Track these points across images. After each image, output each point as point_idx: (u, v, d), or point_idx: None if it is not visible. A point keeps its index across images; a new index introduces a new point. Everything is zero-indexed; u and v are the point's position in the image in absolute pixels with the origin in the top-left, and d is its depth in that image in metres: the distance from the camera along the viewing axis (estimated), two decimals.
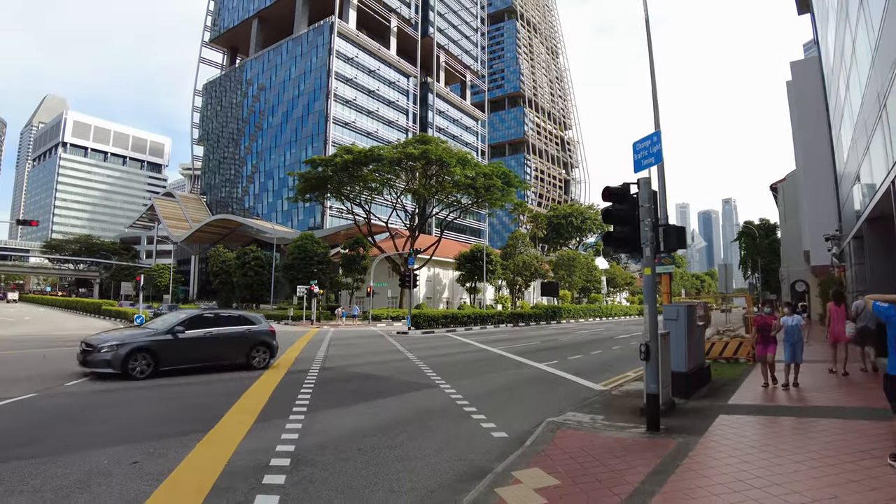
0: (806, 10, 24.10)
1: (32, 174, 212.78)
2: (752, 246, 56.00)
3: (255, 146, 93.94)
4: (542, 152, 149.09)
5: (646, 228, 7.02)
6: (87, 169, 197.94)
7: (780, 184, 40.36)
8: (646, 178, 7.14)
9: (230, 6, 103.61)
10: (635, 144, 7.51)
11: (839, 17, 14.38)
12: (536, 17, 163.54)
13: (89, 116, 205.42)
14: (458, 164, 46.45)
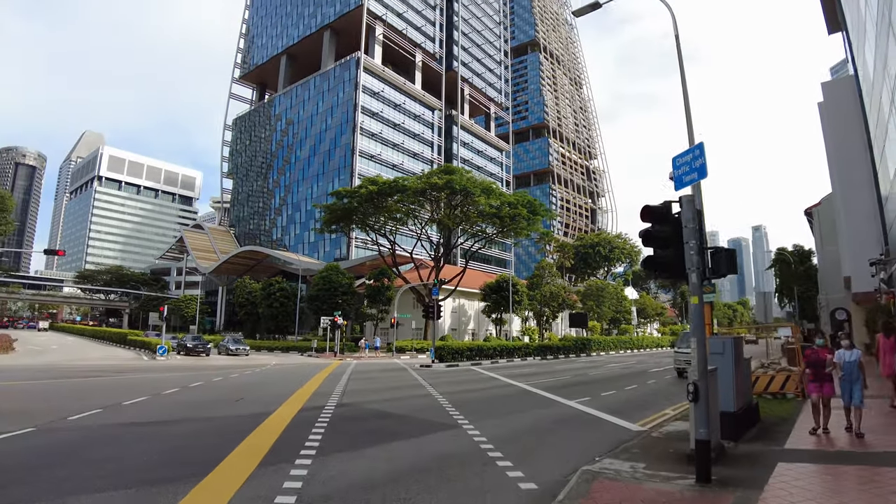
0: (837, 29, 23.21)
1: (69, 207, 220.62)
2: (787, 273, 53.76)
3: (282, 179, 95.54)
4: (567, 182, 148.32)
5: (691, 252, 6.23)
6: (120, 202, 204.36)
7: (815, 208, 38.74)
8: (689, 196, 6.39)
9: (259, 44, 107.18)
10: (675, 159, 6.80)
11: (879, 28, 13.57)
12: (559, 49, 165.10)
13: (124, 151, 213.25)
14: (483, 193, 46.09)
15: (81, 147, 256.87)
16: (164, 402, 13.77)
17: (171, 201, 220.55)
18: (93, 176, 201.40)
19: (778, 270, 57.01)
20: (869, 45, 15.44)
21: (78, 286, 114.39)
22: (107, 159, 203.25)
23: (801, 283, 51.02)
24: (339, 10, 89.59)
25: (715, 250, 6.36)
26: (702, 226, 6.33)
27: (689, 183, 6.62)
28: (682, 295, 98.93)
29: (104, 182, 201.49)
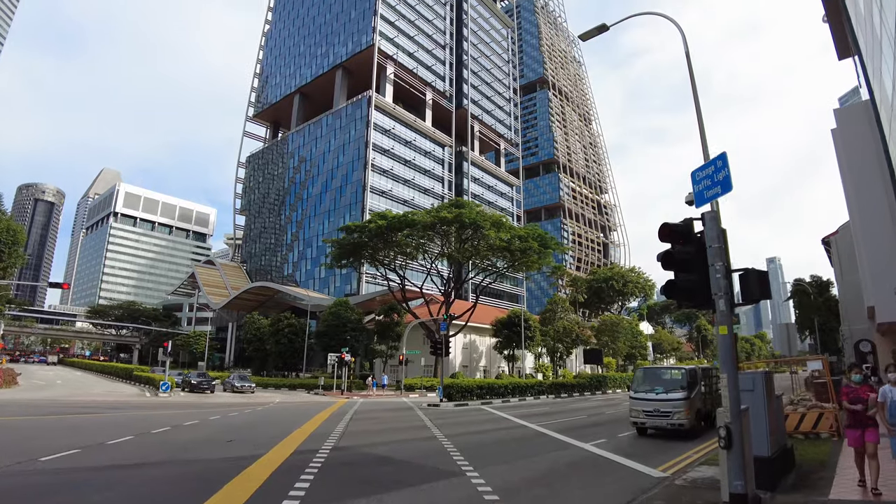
0: (848, 54, 22.65)
1: (85, 242, 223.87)
2: (806, 305, 52.03)
3: (294, 215, 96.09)
4: (578, 216, 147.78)
5: (717, 275, 5.47)
6: (134, 238, 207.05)
7: (832, 237, 37.52)
8: (712, 213, 5.67)
9: (273, 83, 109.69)
10: (695, 173, 6.11)
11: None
12: (568, 86, 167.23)
13: (139, 188, 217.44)
14: (493, 227, 45.52)
15: (99, 184, 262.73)
16: (149, 441, 12.95)
17: (186, 238, 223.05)
18: (109, 212, 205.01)
19: (797, 302, 55.30)
20: (886, 66, 14.78)
21: (90, 321, 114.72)
22: (123, 196, 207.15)
23: (822, 314, 49.32)
24: (351, 50, 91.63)
25: (744, 273, 5.58)
26: (726, 245, 5.58)
27: (712, 198, 5.89)
28: (699, 329, 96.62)
29: (120, 218, 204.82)
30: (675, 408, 15.43)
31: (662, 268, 5.97)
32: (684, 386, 15.96)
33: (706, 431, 16.15)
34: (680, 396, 15.67)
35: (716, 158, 5.86)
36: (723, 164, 5.76)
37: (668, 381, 16.72)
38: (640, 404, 16.24)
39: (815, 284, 53.26)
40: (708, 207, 5.92)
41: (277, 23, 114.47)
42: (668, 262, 5.93)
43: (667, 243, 5.93)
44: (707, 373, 18.29)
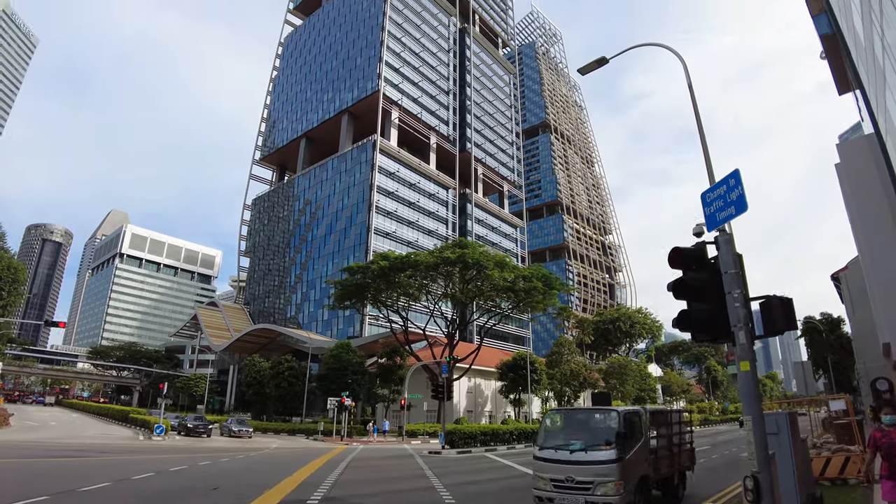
0: (847, 88, 22.51)
1: (90, 283, 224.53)
2: (818, 343, 50.77)
3: (298, 257, 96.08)
4: (583, 257, 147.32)
5: (735, 304, 4.93)
6: (140, 279, 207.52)
7: (841, 273, 36.69)
8: (727, 236, 5.18)
9: (280, 127, 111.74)
10: (705, 195, 5.66)
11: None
12: (570, 129, 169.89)
13: (146, 230, 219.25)
14: (496, 266, 45.06)
15: (107, 225, 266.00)
16: (126, 489, 12.13)
17: (191, 279, 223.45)
18: (115, 253, 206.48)
19: (808, 340, 54.03)
20: (891, 95, 14.44)
21: (91, 362, 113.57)
22: (129, 237, 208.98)
23: (834, 352, 48.05)
24: (357, 96, 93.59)
25: (766, 300, 5.04)
26: (744, 271, 5.06)
27: (725, 220, 5.41)
28: (708, 370, 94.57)
29: (125, 259, 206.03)
30: (599, 475, 9.29)
31: (674, 296, 5.43)
32: (614, 439, 9.62)
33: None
34: (606, 457, 9.44)
35: (728, 176, 5.42)
36: (736, 183, 5.31)
37: (591, 430, 10.49)
38: (547, 469, 9.90)
39: (826, 322, 52.15)
40: (724, 230, 5.45)
41: (285, 70, 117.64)
42: (680, 291, 5.39)
43: (678, 269, 5.42)
44: (662, 417, 12.60)
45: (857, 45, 13.97)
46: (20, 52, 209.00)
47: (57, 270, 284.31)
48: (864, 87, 17.95)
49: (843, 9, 14.14)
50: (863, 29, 11.60)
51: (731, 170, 5.37)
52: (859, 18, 11.58)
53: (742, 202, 5.26)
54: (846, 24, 14.80)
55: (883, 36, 9.15)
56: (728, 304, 5.05)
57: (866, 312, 31.43)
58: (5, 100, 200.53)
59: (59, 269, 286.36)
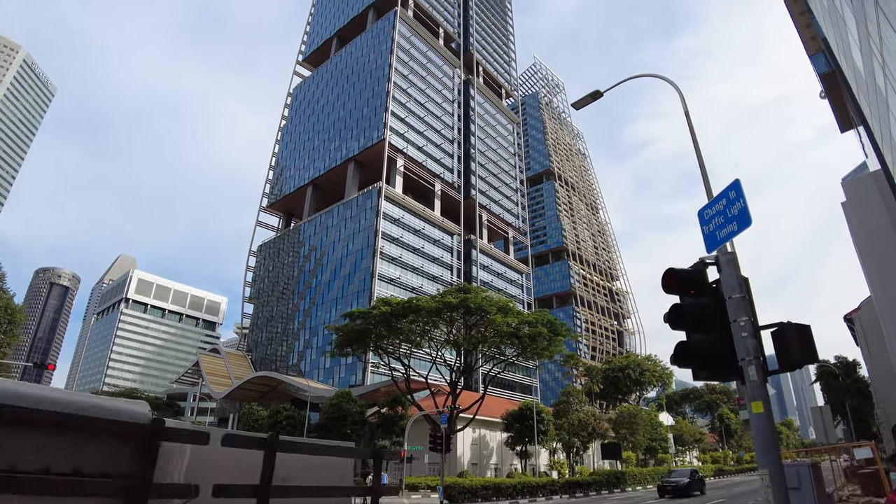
0: (849, 126, 22.20)
1: (95, 327, 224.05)
2: (834, 387, 48.68)
3: (302, 303, 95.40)
4: (590, 304, 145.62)
5: (743, 333, 4.23)
6: (144, 325, 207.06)
7: (854, 314, 35.34)
8: (729, 255, 4.54)
9: (287, 175, 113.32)
10: (702, 212, 5.07)
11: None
12: (574, 177, 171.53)
13: (152, 275, 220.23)
14: (499, 312, 44.07)
15: (115, 270, 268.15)
16: None
17: (195, 326, 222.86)
18: (120, 298, 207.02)
19: (824, 385, 51.95)
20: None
21: None
22: (135, 282, 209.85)
23: (852, 397, 45.98)
24: (363, 145, 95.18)
25: (779, 328, 4.31)
26: (751, 296, 4.38)
27: (728, 238, 4.77)
28: (721, 418, 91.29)
29: (131, 304, 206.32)
30: None
31: (671, 326, 4.70)
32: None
33: None
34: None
35: (727, 188, 4.82)
36: (737, 195, 4.69)
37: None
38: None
39: (842, 365, 50.28)
40: (726, 249, 4.80)
41: (293, 119, 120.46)
42: (677, 319, 4.66)
43: (674, 295, 4.74)
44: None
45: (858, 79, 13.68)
46: (38, 101, 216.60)
47: (63, 314, 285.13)
48: (867, 123, 17.63)
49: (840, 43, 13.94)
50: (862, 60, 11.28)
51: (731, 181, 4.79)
52: (857, 50, 11.28)
53: (745, 216, 4.63)
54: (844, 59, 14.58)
55: (884, 63, 8.79)
56: (734, 334, 4.33)
57: (883, 354, 30.11)
58: (21, 145, 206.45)
59: (65, 313, 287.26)
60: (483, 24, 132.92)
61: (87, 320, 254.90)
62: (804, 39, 18.57)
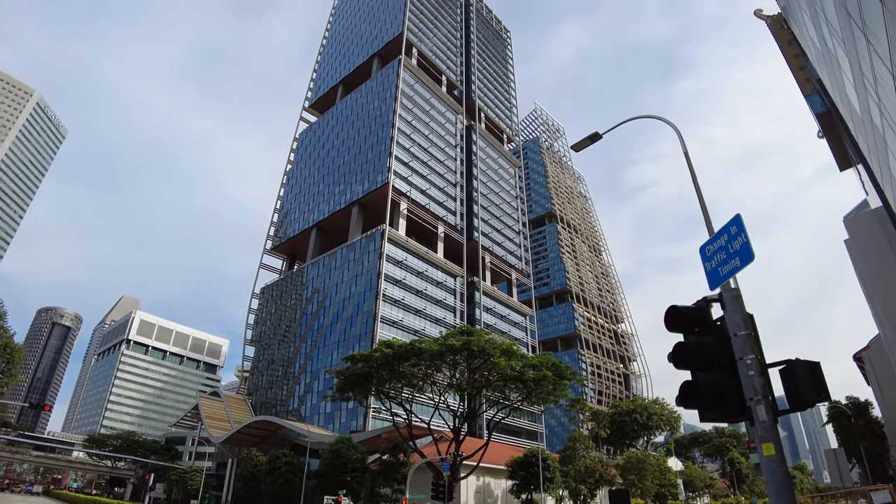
0: (848, 164, 22.34)
1: (95, 368, 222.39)
2: (847, 428, 47.27)
3: (304, 347, 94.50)
4: (596, 347, 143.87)
5: (750, 372, 4.11)
6: (144, 366, 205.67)
7: (864, 353, 34.63)
8: (733, 291, 4.46)
9: (292, 218, 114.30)
10: (704, 248, 5.02)
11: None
12: (576, 219, 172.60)
13: (155, 316, 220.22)
14: (503, 355, 43.51)
15: (117, 311, 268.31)
16: None
17: (196, 368, 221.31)
18: (122, 339, 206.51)
19: (836, 427, 50.50)
20: (894, 160, 14.12)
21: (86, 451, 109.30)
22: (137, 323, 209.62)
23: (865, 438, 44.57)
24: (367, 188, 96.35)
25: (787, 366, 4.18)
26: (756, 332, 4.28)
27: (731, 275, 4.70)
28: (731, 463, 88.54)
29: (132, 346, 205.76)
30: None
31: (675, 366, 4.58)
32: None
33: None
34: None
35: (728, 224, 4.79)
36: (738, 230, 4.65)
37: None
38: None
39: (854, 406, 49.01)
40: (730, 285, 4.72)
41: (299, 163, 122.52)
42: (681, 358, 4.53)
43: (677, 333, 4.63)
44: None
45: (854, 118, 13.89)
46: (49, 143, 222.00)
47: (63, 354, 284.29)
48: (865, 160, 17.81)
49: (835, 83, 14.23)
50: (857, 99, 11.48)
51: None
52: (853, 89, 11.49)
53: (747, 251, 4.58)
54: (840, 99, 14.85)
55: (879, 101, 8.94)
56: (741, 372, 4.20)
57: (894, 393, 29.43)
58: (30, 185, 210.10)
59: (65, 353, 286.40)
60: (484, 73, 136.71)
61: (87, 361, 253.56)
62: (800, 81, 18.97)
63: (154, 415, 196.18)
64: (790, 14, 20.36)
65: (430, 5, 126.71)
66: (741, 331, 4.33)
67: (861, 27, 8.27)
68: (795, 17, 18.83)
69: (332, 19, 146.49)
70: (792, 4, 18.59)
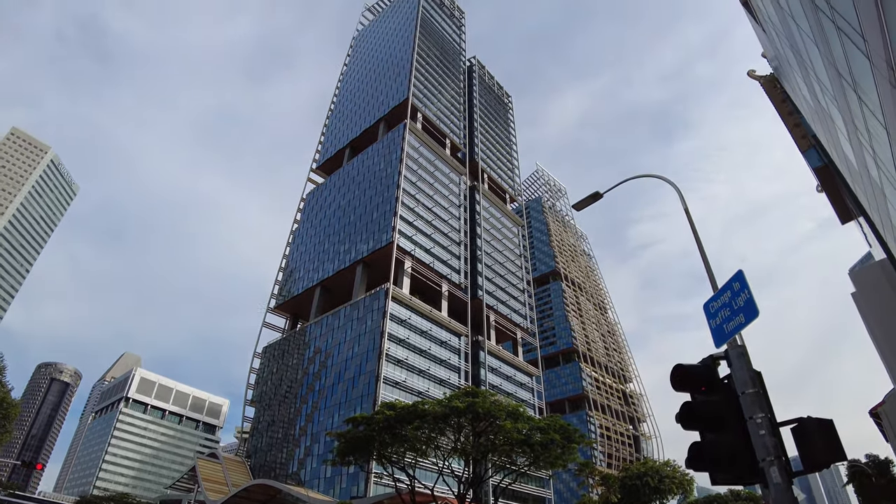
0: (849, 217, 22.42)
1: (92, 426, 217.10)
2: (868, 488, 44.86)
3: (304, 408, 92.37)
4: (604, 408, 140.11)
5: (760, 431, 3.97)
6: (142, 425, 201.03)
7: (879, 408, 33.38)
8: (739, 349, 4.39)
9: (296, 276, 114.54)
10: (708, 305, 4.99)
11: None
12: (580, 277, 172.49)
13: (155, 374, 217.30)
14: (509, 417, 42.47)
15: (118, 367, 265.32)
16: None
17: (195, 428, 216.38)
18: (121, 397, 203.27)
19: (857, 487, 48.04)
20: (895, 211, 14.20)
21: None
22: (137, 381, 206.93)
23: (888, 497, 42.22)
24: (372, 247, 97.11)
25: (799, 424, 4.04)
26: (765, 390, 4.17)
27: (736, 331, 4.62)
28: None
29: (131, 404, 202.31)
30: None
31: (683, 426, 4.43)
32: None
33: None
34: None
35: (731, 280, 4.77)
36: (741, 286, 4.63)
37: None
38: None
39: (874, 464, 46.79)
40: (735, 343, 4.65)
41: (305, 223, 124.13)
42: (689, 418, 4.39)
43: (684, 392, 4.52)
44: None
45: (851, 171, 14.11)
46: (60, 199, 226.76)
47: (60, 411, 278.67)
48: (866, 213, 17.93)
49: (830, 138, 14.56)
50: (853, 153, 11.72)
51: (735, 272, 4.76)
52: (848, 144, 11.75)
53: (751, 307, 4.53)
54: (836, 153, 15.14)
55: (875, 155, 9.12)
56: (751, 432, 4.06)
57: None
58: (38, 240, 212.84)
59: (62, 409, 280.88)
60: (487, 135, 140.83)
61: (84, 418, 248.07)
62: (796, 137, 19.42)
63: (149, 476, 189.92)
64: (782, 74, 21.12)
65: (434, 73, 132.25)
66: (749, 389, 4.22)
67: (851, 84, 8.56)
68: (787, 76, 19.52)
69: (341, 85, 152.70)
70: (783, 65, 19.32)
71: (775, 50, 19.57)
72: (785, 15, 12.78)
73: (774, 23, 15.27)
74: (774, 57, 21.36)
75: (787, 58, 16.56)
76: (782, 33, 14.76)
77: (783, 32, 14.48)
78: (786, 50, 15.89)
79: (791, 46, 14.00)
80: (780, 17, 13.69)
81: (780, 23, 14.15)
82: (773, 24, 15.88)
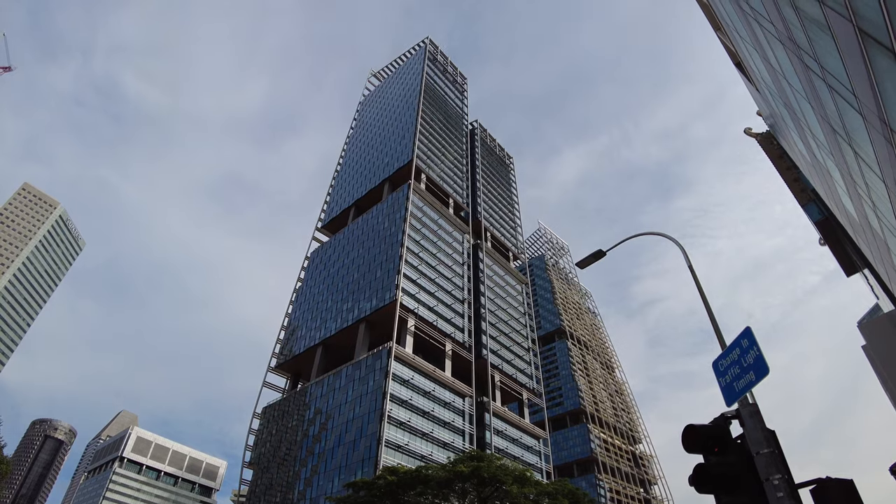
0: (854, 269, 22.30)
1: (83, 486, 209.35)
2: None
3: (303, 471, 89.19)
4: (614, 470, 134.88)
5: (779, 493, 3.79)
6: (136, 486, 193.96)
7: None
8: (751, 407, 4.27)
9: (298, 335, 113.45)
10: (717, 363, 4.89)
11: None
12: (586, 335, 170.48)
13: (152, 433, 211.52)
14: (515, 482, 40.87)
15: (114, 425, 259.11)
16: None
17: (191, 490, 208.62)
18: (115, 456, 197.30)
19: None
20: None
21: None
22: (133, 440, 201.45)
23: None
24: (375, 306, 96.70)
25: (819, 486, 3.85)
26: (780, 449, 4.02)
27: (746, 389, 4.50)
28: None
29: (125, 464, 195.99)
30: None
31: (697, 490, 4.23)
32: None
33: None
34: None
35: (739, 337, 4.69)
36: (749, 343, 4.54)
37: None
38: None
39: None
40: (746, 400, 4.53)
41: (308, 281, 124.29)
42: (702, 481, 4.18)
43: (696, 454, 4.35)
44: None
45: (853, 224, 14.18)
46: (66, 254, 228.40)
47: (53, 469, 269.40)
48: (871, 265, 17.85)
49: (829, 192, 14.73)
50: (853, 206, 11.82)
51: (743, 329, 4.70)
52: (847, 197, 11.88)
53: (762, 364, 4.41)
54: (836, 206, 15.27)
55: (875, 207, 9.19)
56: (768, 495, 3.87)
57: None
58: (42, 294, 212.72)
59: (55, 468, 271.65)
60: (489, 195, 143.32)
61: (76, 478, 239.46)
62: (795, 192, 19.67)
63: None
64: (778, 131, 21.64)
65: (438, 135, 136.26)
66: (764, 448, 4.06)
67: (846, 140, 8.74)
68: (783, 133, 19.99)
69: (347, 147, 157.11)
70: (779, 122, 19.83)
71: (770, 108, 20.18)
72: (777, 75, 13.24)
73: (768, 83, 15.82)
74: (770, 115, 21.99)
75: (782, 115, 17.05)
76: (776, 92, 15.26)
77: (777, 92, 14.98)
78: (780, 108, 16.38)
79: (785, 104, 14.44)
80: (772, 77, 14.19)
81: (773, 83, 14.66)
82: (766, 84, 16.46)
